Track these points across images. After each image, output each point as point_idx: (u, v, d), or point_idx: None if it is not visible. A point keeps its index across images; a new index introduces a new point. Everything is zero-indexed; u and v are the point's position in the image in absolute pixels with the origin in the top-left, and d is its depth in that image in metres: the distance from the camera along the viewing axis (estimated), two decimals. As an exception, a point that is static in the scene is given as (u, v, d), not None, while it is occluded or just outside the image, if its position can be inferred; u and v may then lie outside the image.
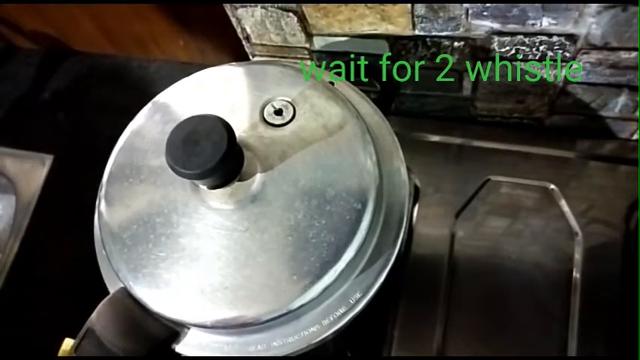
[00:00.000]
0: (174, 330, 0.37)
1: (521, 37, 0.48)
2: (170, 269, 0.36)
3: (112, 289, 0.40)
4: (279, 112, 0.39)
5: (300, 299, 0.34)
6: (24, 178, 0.71)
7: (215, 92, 0.41)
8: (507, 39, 0.49)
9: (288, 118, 0.38)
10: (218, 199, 0.36)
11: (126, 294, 0.37)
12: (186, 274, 0.35)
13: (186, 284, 0.35)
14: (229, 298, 0.34)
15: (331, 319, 0.36)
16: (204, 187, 0.36)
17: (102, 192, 0.39)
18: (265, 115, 0.39)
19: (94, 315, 0.36)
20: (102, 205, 0.39)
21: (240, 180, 0.36)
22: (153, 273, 0.36)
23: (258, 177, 0.37)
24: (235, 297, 0.34)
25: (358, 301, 0.36)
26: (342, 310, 0.36)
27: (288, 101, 0.39)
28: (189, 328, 0.37)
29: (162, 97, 0.42)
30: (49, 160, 0.70)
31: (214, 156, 0.32)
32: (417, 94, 0.61)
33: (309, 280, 0.34)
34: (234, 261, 0.35)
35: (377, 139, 0.39)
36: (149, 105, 0.42)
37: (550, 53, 0.49)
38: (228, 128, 0.33)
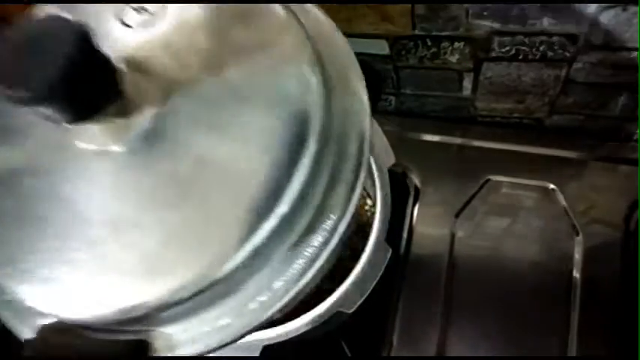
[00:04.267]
0: (136, 341, 0.27)
1: (522, 37, 0.48)
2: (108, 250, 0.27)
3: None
4: (139, 12, 0.30)
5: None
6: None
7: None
8: (507, 39, 0.49)
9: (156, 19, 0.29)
10: (115, 138, 0.27)
11: (54, 329, 0.28)
12: (129, 250, 0.26)
13: (132, 261, 0.26)
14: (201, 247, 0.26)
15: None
16: (78, 127, 0.26)
17: None
18: (126, 20, 0.30)
19: None
20: None
21: (131, 111, 0.27)
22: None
23: (158, 94, 0.27)
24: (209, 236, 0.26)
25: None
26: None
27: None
28: (159, 330, 0.28)
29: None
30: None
31: (59, 62, 0.23)
32: (417, 94, 0.61)
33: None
34: (191, 201, 0.26)
35: (328, 55, 0.30)
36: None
37: (550, 53, 0.49)
38: (79, 29, 0.23)
